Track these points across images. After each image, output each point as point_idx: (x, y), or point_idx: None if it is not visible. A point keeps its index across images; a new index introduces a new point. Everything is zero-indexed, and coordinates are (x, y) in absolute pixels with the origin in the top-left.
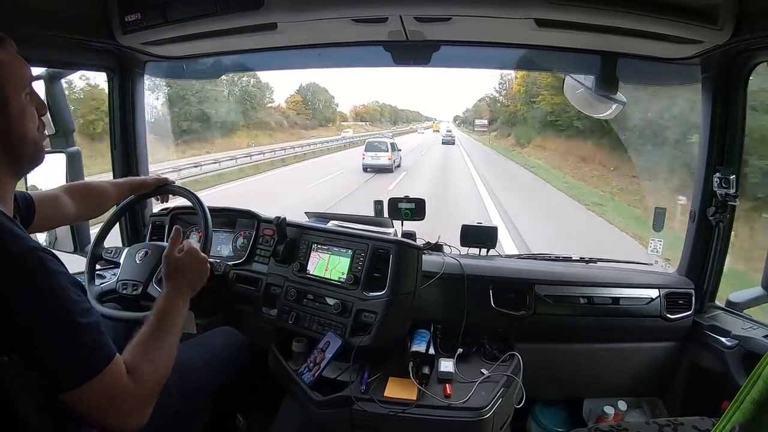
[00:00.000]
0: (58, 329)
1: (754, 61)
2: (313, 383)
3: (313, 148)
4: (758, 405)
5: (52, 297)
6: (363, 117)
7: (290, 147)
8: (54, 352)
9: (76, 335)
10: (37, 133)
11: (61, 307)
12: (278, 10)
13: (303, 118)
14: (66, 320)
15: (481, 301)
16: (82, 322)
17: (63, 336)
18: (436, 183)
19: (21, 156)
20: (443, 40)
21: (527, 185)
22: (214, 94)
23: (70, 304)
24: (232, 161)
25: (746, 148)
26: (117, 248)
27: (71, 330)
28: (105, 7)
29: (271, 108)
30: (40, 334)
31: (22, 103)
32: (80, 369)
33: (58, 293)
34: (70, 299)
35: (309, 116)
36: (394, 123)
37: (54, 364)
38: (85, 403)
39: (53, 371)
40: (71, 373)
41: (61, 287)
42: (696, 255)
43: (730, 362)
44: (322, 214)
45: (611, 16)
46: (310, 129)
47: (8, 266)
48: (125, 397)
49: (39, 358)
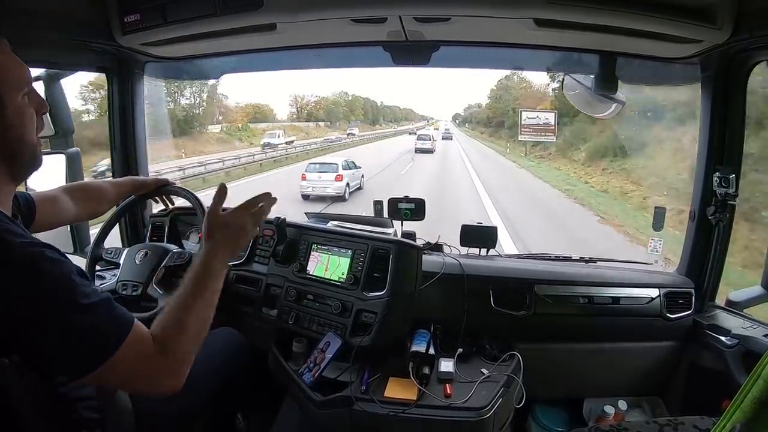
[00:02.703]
0: (68, 313)
1: (754, 60)
2: (313, 383)
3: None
4: (759, 404)
5: (56, 282)
6: (316, 116)
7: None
8: (69, 337)
9: (86, 316)
10: (35, 136)
11: (69, 291)
12: (277, 10)
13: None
14: (74, 303)
15: (481, 301)
16: (91, 302)
17: (76, 319)
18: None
19: (18, 159)
20: (442, 40)
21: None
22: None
23: (76, 287)
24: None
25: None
26: (117, 249)
27: (84, 311)
28: (104, 8)
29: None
30: (49, 321)
31: (19, 105)
32: (97, 348)
33: (62, 278)
34: (75, 283)
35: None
36: (373, 122)
37: (71, 349)
38: (112, 378)
39: (72, 356)
40: (91, 353)
41: (64, 273)
42: (696, 254)
43: (731, 361)
44: (321, 214)
45: (610, 15)
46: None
47: (9, 261)
48: (152, 364)
49: (52, 349)
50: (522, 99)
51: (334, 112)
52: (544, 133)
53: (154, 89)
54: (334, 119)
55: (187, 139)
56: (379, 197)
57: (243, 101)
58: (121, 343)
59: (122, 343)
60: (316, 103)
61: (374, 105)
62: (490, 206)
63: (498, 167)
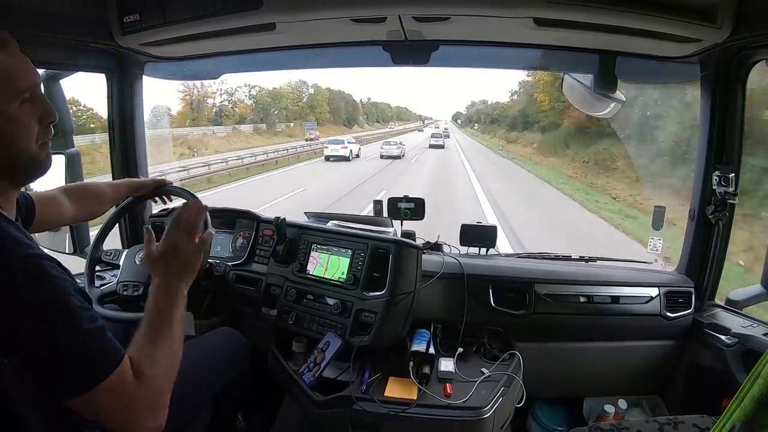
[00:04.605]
0: (63, 336)
1: (753, 59)
2: (313, 383)
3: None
4: (758, 403)
5: (56, 303)
6: (235, 115)
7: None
8: (59, 359)
9: (81, 342)
10: (35, 148)
11: (66, 314)
12: (277, 10)
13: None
14: (71, 327)
15: (480, 301)
16: (87, 328)
17: (68, 343)
18: None
19: (16, 170)
20: (442, 39)
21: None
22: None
23: (75, 311)
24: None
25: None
26: (116, 251)
27: (76, 336)
28: (104, 8)
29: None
30: (44, 342)
31: (12, 114)
32: (85, 376)
33: (61, 300)
34: (75, 305)
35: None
36: (348, 123)
37: (59, 371)
38: (93, 409)
39: (58, 378)
40: (77, 379)
41: (65, 294)
42: (695, 253)
43: (730, 360)
44: (321, 214)
45: (610, 14)
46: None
47: (10, 273)
48: (133, 400)
49: (43, 366)
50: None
51: (267, 110)
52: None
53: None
54: (270, 119)
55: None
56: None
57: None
58: (111, 373)
59: (112, 373)
60: (239, 101)
61: (349, 100)
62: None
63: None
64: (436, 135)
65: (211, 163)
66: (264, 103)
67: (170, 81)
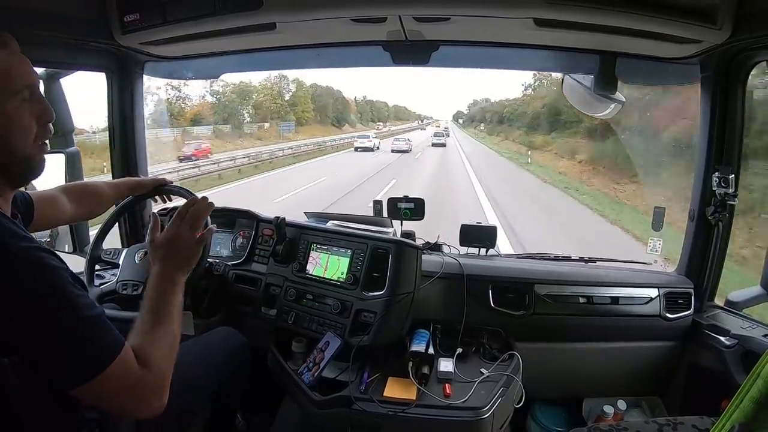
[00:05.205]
0: (66, 322)
1: (753, 60)
2: (313, 383)
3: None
4: (758, 404)
5: (55, 293)
6: (198, 118)
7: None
8: (62, 348)
9: (82, 329)
10: (30, 147)
11: (66, 302)
12: (277, 10)
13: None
14: (71, 315)
15: (480, 301)
16: (88, 315)
17: (69, 331)
18: None
19: (9, 169)
20: (442, 40)
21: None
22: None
23: (74, 299)
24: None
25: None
26: (116, 250)
27: (77, 324)
28: (104, 8)
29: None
30: (45, 332)
31: (9, 114)
32: (91, 362)
33: (60, 289)
34: (73, 294)
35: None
36: (338, 122)
37: (62, 360)
38: (99, 395)
39: (62, 367)
40: (82, 367)
41: (64, 283)
42: (695, 254)
43: (730, 361)
44: (321, 213)
45: (610, 15)
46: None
47: (9, 265)
48: (138, 384)
49: (46, 356)
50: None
51: (234, 108)
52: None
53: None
54: (236, 120)
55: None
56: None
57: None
58: (115, 358)
59: (116, 358)
60: (200, 105)
61: (338, 97)
62: None
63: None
64: (438, 134)
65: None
66: (229, 100)
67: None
